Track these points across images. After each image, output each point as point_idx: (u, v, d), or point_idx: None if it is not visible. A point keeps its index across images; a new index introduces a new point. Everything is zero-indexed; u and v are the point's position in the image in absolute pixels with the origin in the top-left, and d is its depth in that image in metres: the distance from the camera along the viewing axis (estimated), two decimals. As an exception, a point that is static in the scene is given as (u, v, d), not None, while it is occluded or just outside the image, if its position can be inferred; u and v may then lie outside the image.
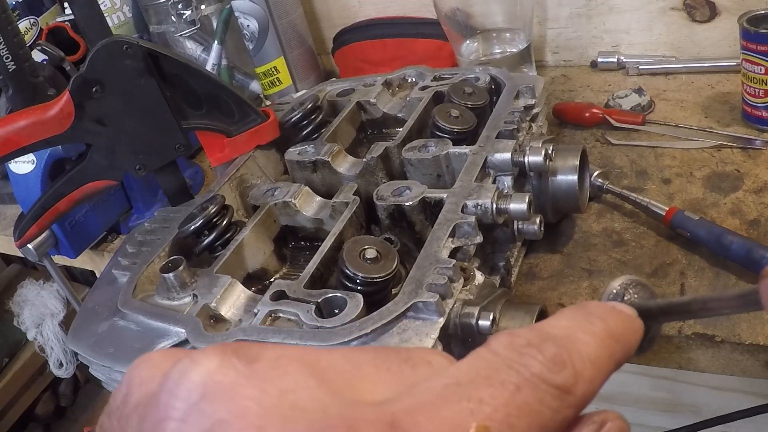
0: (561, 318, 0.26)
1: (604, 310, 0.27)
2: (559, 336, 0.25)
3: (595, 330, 0.26)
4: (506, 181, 0.69)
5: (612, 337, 0.26)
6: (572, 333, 0.25)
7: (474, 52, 1.06)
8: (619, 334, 0.27)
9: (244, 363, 0.22)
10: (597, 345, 0.25)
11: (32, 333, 1.78)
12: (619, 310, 0.28)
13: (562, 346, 0.24)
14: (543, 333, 0.25)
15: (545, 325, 0.26)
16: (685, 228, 0.70)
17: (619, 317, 0.28)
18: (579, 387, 0.24)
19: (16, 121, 0.71)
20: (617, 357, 0.26)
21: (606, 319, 0.27)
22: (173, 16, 1.12)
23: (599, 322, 0.26)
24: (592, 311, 0.27)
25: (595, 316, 0.27)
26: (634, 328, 0.28)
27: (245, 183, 0.78)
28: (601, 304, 0.28)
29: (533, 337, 0.24)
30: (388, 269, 0.57)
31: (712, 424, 0.83)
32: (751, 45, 0.80)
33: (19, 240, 0.84)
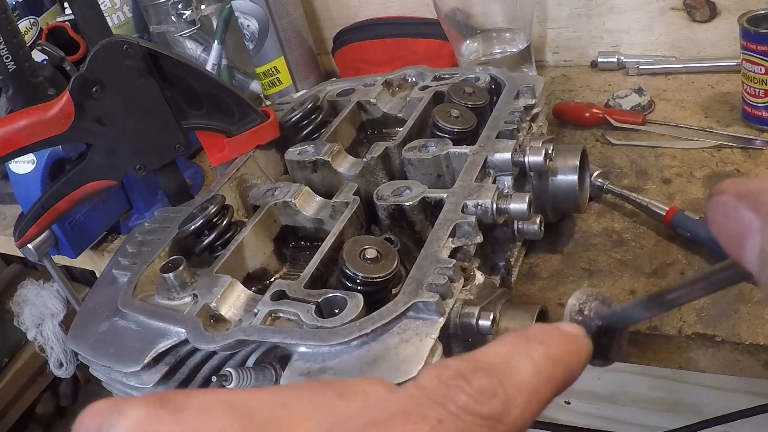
0: (498, 344, 0.26)
1: (545, 333, 0.27)
2: (492, 364, 0.25)
3: (532, 355, 0.26)
4: (506, 181, 0.69)
5: (551, 360, 0.26)
6: (507, 360, 0.25)
7: (474, 52, 1.06)
8: (559, 357, 0.26)
9: (170, 412, 0.22)
10: (533, 370, 0.25)
11: (32, 333, 1.79)
12: (561, 331, 0.28)
13: (493, 375, 0.24)
14: (475, 362, 0.25)
15: (479, 353, 0.26)
16: (685, 228, 0.70)
17: (561, 339, 0.27)
18: (511, 415, 0.23)
19: (16, 121, 0.71)
20: (558, 380, 0.26)
21: (546, 342, 0.27)
22: (173, 16, 1.12)
23: (538, 346, 0.26)
24: (532, 335, 0.27)
25: (535, 340, 0.26)
26: (577, 349, 0.28)
27: (245, 183, 0.78)
28: (543, 326, 0.28)
29: (463, 368, 0.24)
30: (388, 269, 0.57)
31: (712, 424, 0.83)
32: (751, 45, 0.80)
33: (19, 240, 0.84)
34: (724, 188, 0.27)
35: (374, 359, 0.49)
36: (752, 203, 0.25)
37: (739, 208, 0.26)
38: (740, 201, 0.26)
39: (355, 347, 0.50)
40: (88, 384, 2.18)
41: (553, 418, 1.21)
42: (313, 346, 0.51)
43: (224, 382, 0.54)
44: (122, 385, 0.60)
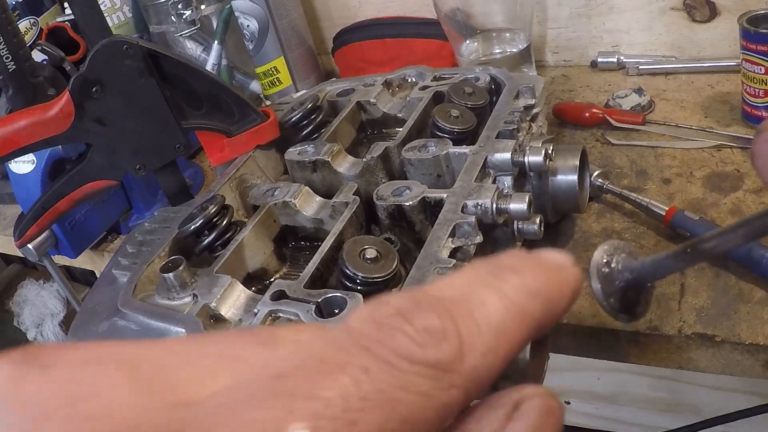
0: (459, 274, 0.21)
1: (521, 261, 0.22)
2: (445, 298, 0.20)
3: (502, 286, 0.21)
4: (506, 181, 0.69)
5: (528, 293, 0.21)
6: (469, 293, 0.20)
7: (474, 52, 1.06)
8: (538, 289, 0.21)
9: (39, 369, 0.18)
10: (502, 305, 0.20)
11: (32, 333, 1.79)
12: (542, 259, 0.22)
13: (446, 311, 0.19)
14: (423, 297, 0.20)
15: (431, 286, 0.21)
16: (685, 228, 0.70)
17: (542, 268, 0.22)
18: (467, 362, 0.19)
19: (16, 121, 0.71)
20: (535, 318, 0.21)
21: (522, 270, 0.21)
22: (173, 16, 1.12)
23: (512, 276, 0.21)
24: (503, 263, 0.21)
25: (507, 269, 0.21)
26: (563, 279, 0.22)
27: (245, 183, 0.78)
28: (519, 253, 0.22)
29: (405, 304, 0.19)
30: (388, 269, 0.57)
31: (712, 424, 0.83)
32: (751, 45, 0.80)
33: (19, 240, 0.84)
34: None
35: (374, 359, 0.49)
36: None
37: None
38: None
39: (355, 347, 0.50)
40: (88, 384, 2.18)
41: (553, 418, 1.21)
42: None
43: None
44: (122, 385, 0.60)
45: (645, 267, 0.32)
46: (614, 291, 0.32)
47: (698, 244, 0.30)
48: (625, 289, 0.32)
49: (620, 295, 0.31)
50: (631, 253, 0.33)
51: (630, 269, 0.32)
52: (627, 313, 0.32)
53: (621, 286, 0.32)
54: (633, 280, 0.32)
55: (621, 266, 0.32)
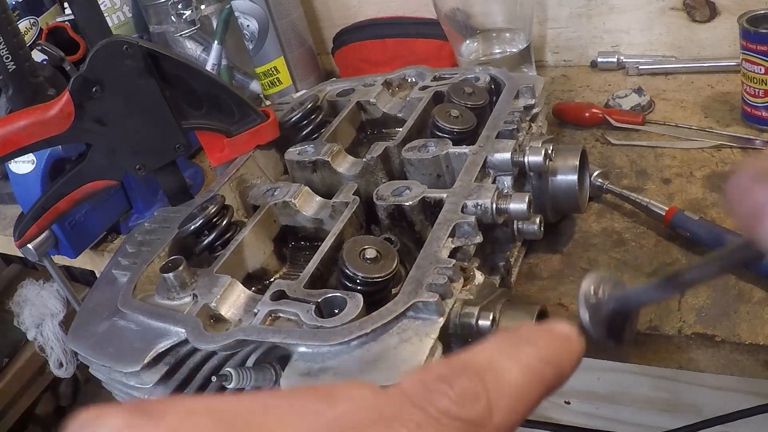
0: (485, 345, 0.26)
1: (535, 333, 0.27)
2: (477, 366, 0.24)
3: (521, 356, 0.25)
4: (506, 181, 0.69)
5: (542, 361, 0.26)
6: (494, 361, 0.25)
7: (474, 52, 1.06)
8: (550, 357, 0.26)
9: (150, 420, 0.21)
10: (521, 372, 0.25)
11: (32, 333, 1.78)
12: (553, 330, 0.28)
13: (476, 377, 0.24)
14: (458, 365, 0.24)
15: (464, 355, 0.25)
16: (685, 228, 0.70)
17: (552, 338, 0.27)
18: (494, 418, 0.23)
19: (16, 121, 0.71)
20: (547, 381, 0.26)
21: (536, 342, 0.26)
22: (173, 16, 1.12)
23: (527, 347, 0.26)
24: (521, 335, 0.27)
25: (524, 341, 0.26)
26: (569, 349, 0.27)
27: (245, 183, 0.78)
28: (534, 326, 0.28)
29: (445, 371, 0.24)
30: (388, 269, 0.57)
31: (712, 424, 0.83)
32: (751, 45, 0.80)
33: (19, 240, 0.84)
34: (743, 167, 0.28)
35: (374, 359, 0.49)
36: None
37: (756, 187, 0.27)
38: (758, 180, 0.27)
39: (354, 347, 0.50)
40: (88, 384, 2.18)
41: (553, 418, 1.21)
42: (312, 346, 0.51)
43: (224, 382, 0.54)
44: (122, 385, 0.60)
45: (629, 296, 0.34)
46: (601, 319, 0.34)
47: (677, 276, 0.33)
48: (612, 317, 0.34)
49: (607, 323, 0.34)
50: (616, 284, 0.35)
51: (615, 298, 0.35)
52: (614, 339, 0.35)
53: (607, 315, 0.34)
54: (618, 309, 0.35)
55: (607, 296, 0.35)
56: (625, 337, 0.35)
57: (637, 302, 0.34)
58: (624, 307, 0.34)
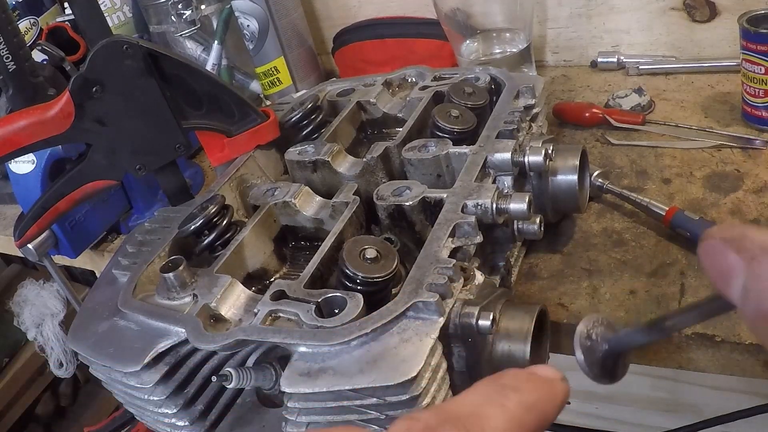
0: (471, 393, 0.27)
1: (520, 379, 0.28)
2: (461, 414, 0.25)
3: (505, 403, 0.26)
4: (506, 181, 0.69)
5: (524, 408, 0.27)
6: (478, 409, 0.26)
7: (474, 52, 1.06)
8: (533, 403, 0.27)
9: None
10: (504, 419, 0.26)
11: (32, 333, 1.78)
12: (537, 377, 0.29)
13: (463, 425, 0.25)
14: (444, 413, 0.25)
15: (451, 403, 0.26)
16: (685, 228, 0.70)
17: (536, 384, 0.28)
18: None
19: (16, 121, 0.71)
20: (531, 426, 0.26)
21: (520, 388, 0.27)
22: (173, 16, 1.12)
23: (512, 394, 0.27)
24: (506, 382, 0.28)
25: (509, 388, 0.27)
26: (553, 394, 0.28)
27: (245, 183, 0.78)
28: (517, 372, 0.29)
29: (432, 419, 0.25)
30: (388, 269, 0.57)
31: (712, 424, 0.83)
32: (751, 45, 0.80)
33: (19, 240, 0.84)
34: (714, 233, 0.30)
35: (374, 359, 0.49)
36: (737, 247, 0.29)
37: (726, 251, 0.29)
38: (727, 245, 0.29)
39: (355, 347, 0.50)
40: (88, 384, 2.18)
41: (553, 418, 1.21)
42: (313, 346, 0.51)
43: (224, 382, 0.54)
44: (122, 385, 0.60)
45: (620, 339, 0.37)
46: (595, 360, 0.37)
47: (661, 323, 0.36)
48: (605, 358, 0.37)
49: (600, 363, 0.37)
50: (608, 326, 0.38)
51: (608, 341, 0.38)
52: (608, 378, 0.38)
53: (601, 356, 0.37)
54: (610, 350, 0.37)
55: (600, 338, 0.38)
56: (617, 374, 0.38)
57: (627, 345, 0.37)
58: (615, 349, 0.37)
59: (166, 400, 0.58)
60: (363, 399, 0.49)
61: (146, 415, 0.63)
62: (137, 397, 0.60)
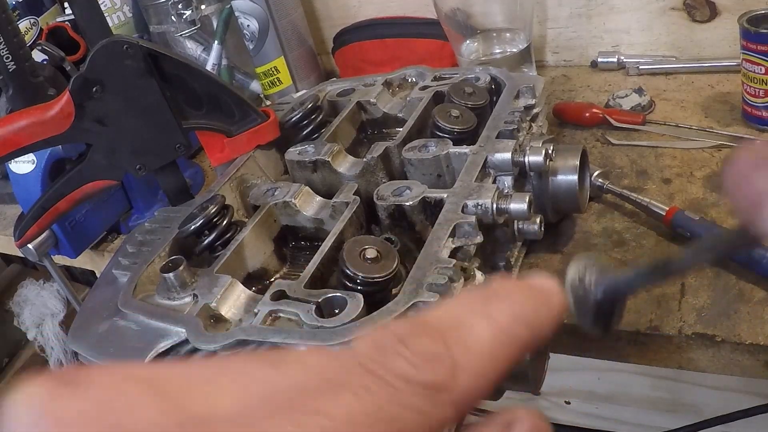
0: (453, 302, 0.24)
1: (510, 288, 0.24)
2: (440, 324, 0.22)
3: (492, 313, 0.23)
4: (506, 181, 0.69)
5: (515, 318, 0.23)
6: (460, 320, 0.23)
7: (474, 52, 1.06)
8: (525, 314, 0.24)
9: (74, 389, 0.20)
10: (490, 330, 0.23)
11: (32, 333, 1.79)
12: (529, 285, 0.25)
13: (439, 337, 0.22)
14: (420, 324, 0.22)
15: (428, 313, 0.23)
16: (685, 228, 0.70)
17: (529, 293, 0.24)
18: (459, 382, 0.21)
19: (16, 121, 0.71)
20: (522, 341, 0.23)
21: (509, 297, 0.24)
22: (173, 16, 1.12)
23: (500, 303, 0.24)
24: (494, 291, 0.24)
25: (497, 296, 0.24)
26: (548, 305, 0.25)
27: (245, 183, 0.78)
28: (507, 280, 0.25)
29: (404, 330, 0.22)
30: (388, 269, 0.57)
31: (712, 424, 0.83)
32: (752, 45, 0.80)
33: (19, 240, 0.84)
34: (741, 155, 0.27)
35: (374, 359, 0.49)
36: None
37: (756, 174, 0.26)
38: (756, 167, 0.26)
39: (355, 347, 0.50)
40: (88, 384, 2.18)
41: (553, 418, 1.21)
42: (313, 346, 0.51)
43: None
44: (122, 385, 0.60)
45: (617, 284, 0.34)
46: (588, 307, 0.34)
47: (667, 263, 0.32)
48: (598, 305, 0.34)
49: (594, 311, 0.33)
50: (602, 269, 0.34)
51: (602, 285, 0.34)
52: (601, 327, 0.34)
53: (594, 302, 0.34)
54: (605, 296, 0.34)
55: (594, 283, 0.34)
56: (612, 325, 0.34)
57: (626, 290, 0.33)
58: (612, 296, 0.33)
59: (166, 400, 0.58)
60: (363, 399, 0.48)
61: (146, 415, 0.63)
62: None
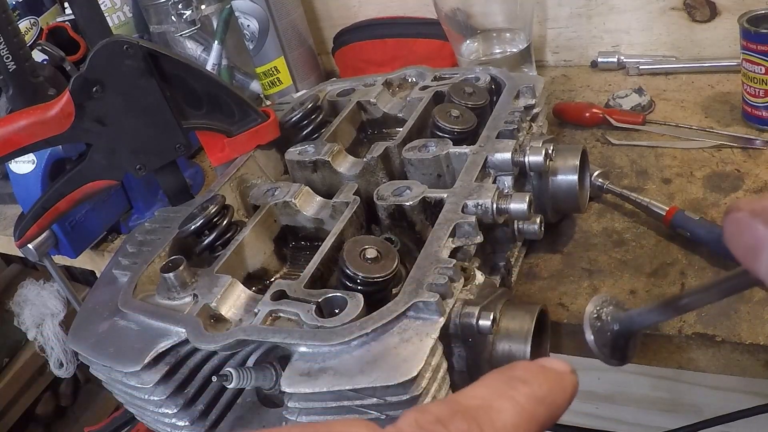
0: (480, 386, 0.27)
1: (529, 372, 0.28)
2: (472, 407, 0.25)
3: (515, 395, 0.26)
4: (506, 180, 0.69)
5: (535, 399, 0.26)
6: (488, 402, 0.25)
7: (474, 52, 1.06)
8: (543, 396, 0.27)
9: None
10: (515, 412, 0.25)
11: (32, 333, 1.79)
12: (546, 369, 0.28)
13: (473, 419, 0.24)
14: (455, 406, 0.25)
15: (461, 395, 0.26)
16: (685, 228, 0.70)
17: (546, 377, 0.28)
18: None
19: (16, 121, 0.71)
20: (541, 419, 0.26)
21: (530, 381, 0.27)
22: (173, 16, 1.12)
23: (522, 386, 0.27)
24: (515, 375, 0.27)
25: (518, 380, 0.27)
26: (563, 386, 0.28)
27: (245, 183, 0.78)
28: (528, 364, 0.28)
29: (442, 412, 0.24)
30: (388, 269, 0.57)
31: (712, 424, 0.83)
32: (751, 45, 0.80)
33: (19, 240, 0.84)
34: (740, 205, 0.29)
35: (374, 359, 0.49)
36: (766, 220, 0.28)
37: (754, 224, 0.28)
38: (755, 217, 0.28)
39: (355, 347, 0.50)
40: (88, 384, 2.18)
41: (553, 418, 1.21)
42: (313, 346, 0.51)
43: (224, 382, 0.54)
44: (122, 385, 0.60)
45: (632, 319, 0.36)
46: (606, 341, 0.36)
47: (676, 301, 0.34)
48: (615, 338, 0.36)
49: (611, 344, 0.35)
50: (618, 305, 0.37)
51: (618, 321, 0.36)
52: (618, 359, 0.36)
53: (611, 336, 0.36)
54: (621, 330, 0.36)
55: (610, 318, 0.36)
56: (628, 355, 0.37)
57: (639, 325, 0.36)
58: (627, 329, 0.36)
59: (166, 400, 0.58)
60: (363, 399, 0.49)
61: (146, 415, 0.63)
62: (137, 397, 0.60)
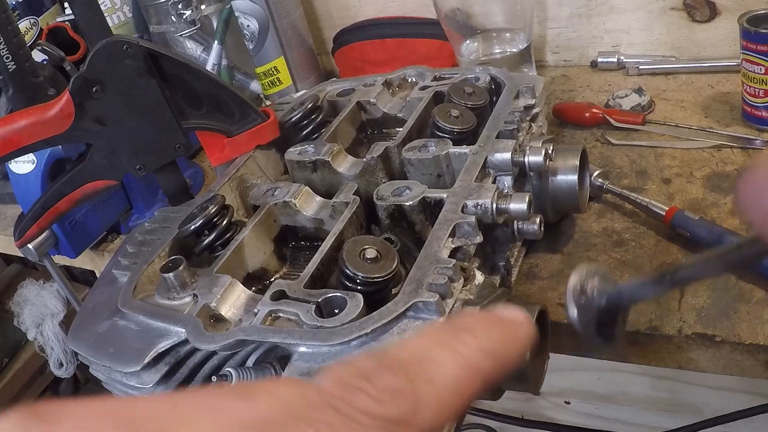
0: (420, 336, 0.24)
1: (477, 321, 0.25)
2: (403, 360, 0.23)
3: (457, 346, 0.23)
4: (506, 180, 0.69)
5: (481, 351, 0.24)
6: (425, 353, 0.23)
7: (474, 52, 1.06)
8: (491, 347, 0.24)
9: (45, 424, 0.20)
10: (455, 364, 0.23)
11: (32, 333, 1.79)
12: (498, 318, 0.25)
13: (402, 372, 0.22)
14: (384, 359, 0.23)
15: (393, 347, 0.24)
16: (685, 228, 0.70)
17: (496, 327, 0.25)
18: (422, 416, 0.21)
19: (16, 121, 0.71)
20: (487, 373, 0.24)
21: (476, 330, 0.24)
22: (173, 16, 1.12)
23: (466, 336, 0.24)
24: (460, 324, 0.25)
25: (463, 329, 0.24)
26: (516, 337, 0.25)
27: (245, 183, 0.78)
28: (475, 314, 0.26)
29: (368, 366, 0.22)
30: (388, 269, 0.57)
31: (712, 424, 0.83)
32: (751, 45, 0.81)
33: (19, 240, 0.84)
34: (756, 166, 0.27)
35: (374, 359, 0.49)
36: None
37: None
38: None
39: (355, 347, 0.50)
40: (88, 384, 2.18)
41: (553, 418, 1.21)
42: (313, 346, 0.51)
43: (224, 382, 0.54)
44: (122, 385, 0.60)
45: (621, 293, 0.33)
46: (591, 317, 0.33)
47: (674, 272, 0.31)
48: (601, 313, 0.32)
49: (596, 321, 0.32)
50: (604, 277, 0.33)
51: (605, 295, 0.33)
52: (603, 337, 0.33)
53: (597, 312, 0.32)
54: (609, 306, 0.33)
55: (596, 292, 0.33)
56: (615, 335, 0.33)
57: (630, 299, 0.33)
58: (615, 305, 0.33)
59: (166, 400, 0.58)
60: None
61: (146, 415, 0.63)
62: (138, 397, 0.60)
